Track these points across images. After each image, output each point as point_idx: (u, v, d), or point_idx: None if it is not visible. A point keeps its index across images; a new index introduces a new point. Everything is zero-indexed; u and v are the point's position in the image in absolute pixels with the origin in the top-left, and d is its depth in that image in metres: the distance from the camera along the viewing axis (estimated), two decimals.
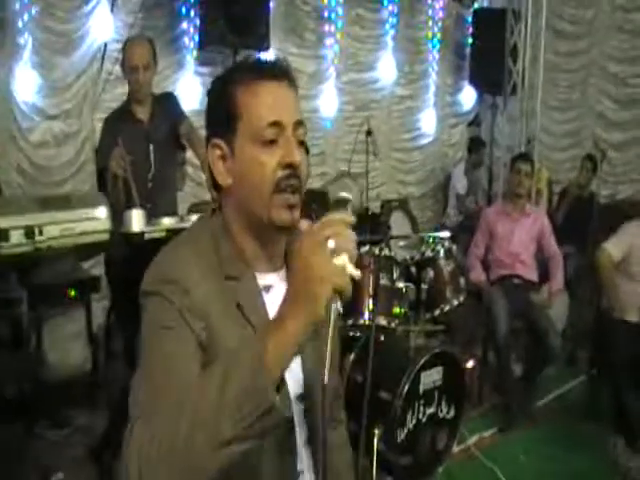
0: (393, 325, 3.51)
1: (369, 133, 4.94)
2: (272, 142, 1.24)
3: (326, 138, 6.21)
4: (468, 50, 7.37)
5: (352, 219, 1.08)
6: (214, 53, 5.21)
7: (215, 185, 1.33)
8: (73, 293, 3.41)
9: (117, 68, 4.26)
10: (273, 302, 1.24)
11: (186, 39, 5.22)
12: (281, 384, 1.06)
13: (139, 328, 3.14)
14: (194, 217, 3.09)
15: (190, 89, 5.21)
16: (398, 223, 5.56)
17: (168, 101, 3.60)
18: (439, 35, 7.22)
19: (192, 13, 5.17)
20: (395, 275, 3.73)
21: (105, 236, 2.64)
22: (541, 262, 4.65)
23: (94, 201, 2.67)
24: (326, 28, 6.15)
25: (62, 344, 3.83)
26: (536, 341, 4.22)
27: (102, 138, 3.47)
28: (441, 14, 7.18)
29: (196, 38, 5.18)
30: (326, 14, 6.10)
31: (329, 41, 6.19)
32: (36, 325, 3.55)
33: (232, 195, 1.30)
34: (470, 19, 7.31)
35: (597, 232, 4.82)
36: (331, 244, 1.03)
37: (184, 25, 5.19)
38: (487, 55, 6.93)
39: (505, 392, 4.28)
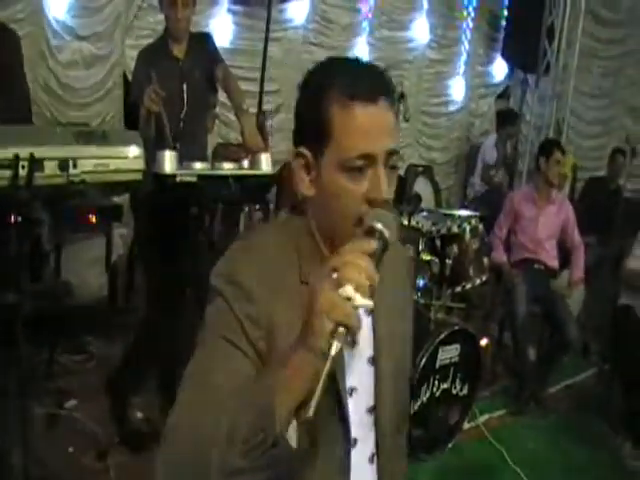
0: (415, 297, 3.45)
1: (402, 96, 4.78)
2: (360, 170, 1.14)
3: None
4: (503, 22, 7.19)
5: (373, 247, 1.04)
6: None
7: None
8: (95, 219, 3.32)
9: None
10: None
11: None
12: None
13: (162, 266, 3.07)
14: (227, 165, 3.01)
15: (223, 26, 5.08)
16: (421, 189, 5.47)
17: (205, 41, 3.46)
18: (474, 4, 7.07)
19: None
20: (421, 247, 3.67)
21: (138, 175, 2.54)
22: (561, 249, 4.58)
23: (129, 139, 2.56)
24: None
25: (80, 269, 3.82)
26: (554, 329, 4.18)
27: (136, 72, 3.32)
28: None
29: None
30: None
31: None
32: (56, 248, 3.55)
33: (314, 206, 1.22)
34: None
35: (621, 225, 4.74)
36: (334, 276, 0.99)
37: None
38: (522, 30, 6.77)
39: (518, 375, 4.25)
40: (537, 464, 3.49)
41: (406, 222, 3.62)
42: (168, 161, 2.75)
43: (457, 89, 7.08)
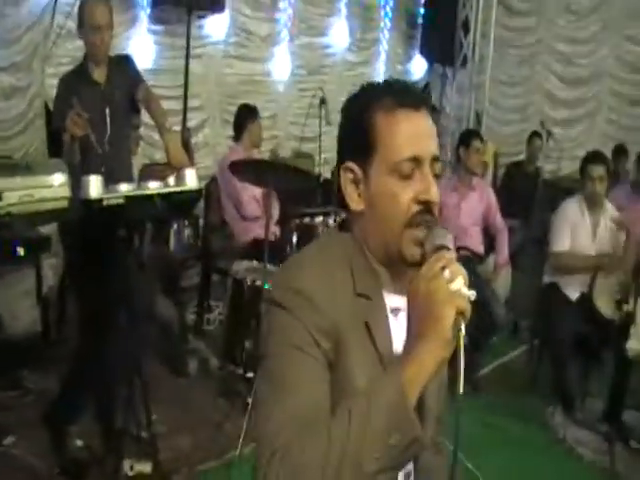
0: None
1: (323, 102, 4.93)
2: (409, 175, 1.21)
3: (278, 102, 6.19)
4: (420, 20, 7.43)
5: (454, 255, 1.14)
6: (168, 12, 5.13)
7: (342, 202, 1.29)
8: (23, 251, 3.34)
9: (69, 23, 4.13)
10: (399, 326, 1.24)
11: None
12: None
13: (94, 293, 3.09)
14: (152, 184, 3.08)
15: (143, 47, 5.12)
16: None
17: (125, 63, 3.50)
18: (391, 3, 7.27)
19: None
20: None
21: (64, 203, 2.62)
22: (486, 234, 4.79)
23: (53, 167, 2.64)
24: None
25: (11, 303, 3.77)
26: (482, 312, 4.38)
27: (57, 99, 3.35)
28: None
29: None
30: None
31: (283, 4, 6.16)
32: None
33: (364, 219, 1.26)
34: None
35: (541, 207, 4.99)
36: (447, 272, 1.09)
37: None
38: (438, 26, 7.03)
39: (451, 361, 4.43)
40: (473, 444, 3.65)
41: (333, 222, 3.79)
42: (94, 185, 2.77)
43: None
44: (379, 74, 7.22)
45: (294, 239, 3.83)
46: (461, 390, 1.08)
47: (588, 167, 4.41)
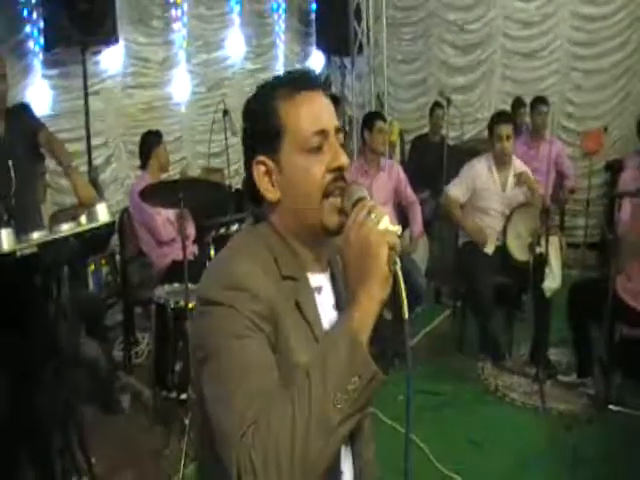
0: None
1: (226, 113, 5.06)
2: (318, 149, 1.31)
3: (181, 123, 6.23)
4: (313, 16, 7.60)
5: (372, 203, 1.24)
6: (61, 54, 5.10)
7: (254, 198, 1.38)
8: None
9: None
10: (323, 303, 1.36)
11: (31, 43, 5.05)
12: None
13: (16, 344, 3.08)
14: (65, 226, 3.15)
15: (39, 94, 5.10)
16: None
17: (23, 112, 3.47)
18: (284, 5, 7.39)
19: (35, 15, 4.97)
20: None
21: None
22: (399, 209, 5.01)
23: None
24: (172, 13, 6.14)
25: None
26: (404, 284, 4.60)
27: None
28: None
29: (41, 41, 5.01)
30: None
31: (177, 25, 6.19)
32: None
33: (281, 206, 1.34)
34: None
35: (448, 174, 5.23)
36: (373, 216, 1.20)
37: (27, 29, 5.01)
38: (332, 19, 7.20)
39: (377, 337, 4.62)
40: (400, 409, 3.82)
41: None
42: (5, 239, 2.73)
43: None
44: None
45: (212, 253, 3.87)
46: (406, 315, 1.18)
47: (495, 127, 4.68)
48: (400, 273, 1.17)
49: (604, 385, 4.09)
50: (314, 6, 7.62)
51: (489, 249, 4.65)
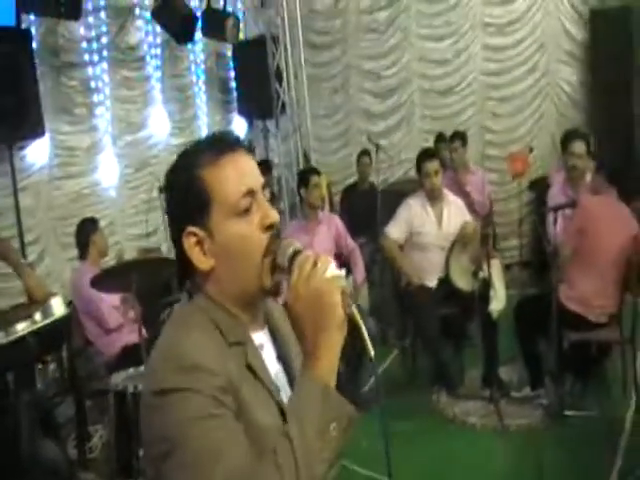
0: None
1: (162, 190, 5.07)
2: (247, 211, 1.31)
3: (112, 207, 6.16)
4: (233, 83, 7.72)
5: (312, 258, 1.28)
6: None
7: (184, 273, 1.36)
8: None
9: None
10: (267, 358, 1.38)
11: None
12: None
13: None
14: (20, 325, 3.11)
15: None
16: None
17: None
18: (203, 77, 7.47)
19: None
20: None
21: None
22: (339, 258, 5.07)
23: None
24: (95, 98, 6.14)
25: None
26: (350, 333, 4.64)
27: None
28: (202, 56, 7.45)
29: None
30: (93, 84, 6.08)
31: (100, 110, 6.18)
32: None
33: (215, 274, 1.32)
34: (231, 54, 7.65)
35: (382, 218, 5.35)
36: (319, 265, 1.25)
37: None
38: (251, 83, 7.28)
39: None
40: (370, 455, 3.82)
41: None
42: None
43: None
44: None
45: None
46: (372, 354, 1.26)
47: (422, 165, 4.84)
48: (357, 313, 1.24)
49: (556, 394, 4.25)
50: (232, 73, 7.73)
51: (431, 283, 4.76)
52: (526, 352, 4.46)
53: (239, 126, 7.90)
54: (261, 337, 1.40)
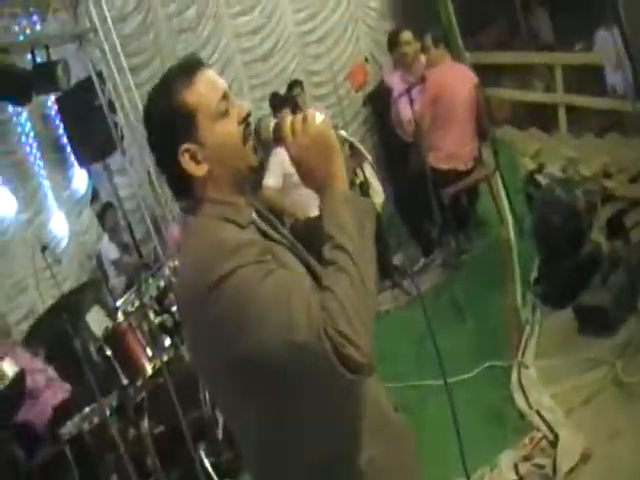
0: None
1: (45, 248, 4.78)
2: (226, 112, 1.52)
3: None
4: (65, 139, 7.20)
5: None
6: None
7: (185, 189, 1.54)
8: None
9: None
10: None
11: None
12: None
13: None
14: None
15: None
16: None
17: None
18: (35, 144, 7.08)
19: None
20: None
21: None
22: None
23: None
24: None
25: None
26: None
27: None
28: (29, 125, 7.01)
29: None
30: None
31: None
32: None
33: (212, 174, 1.51)
34: (56, 109, 7.17)
35: None
36: (309, 115, 1.51)
37: None
38: (85, 127, 6.86)
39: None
40: None
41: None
42: None
43: (59, 229, 6.98)
44: (51, 213, 7.01)
45: None
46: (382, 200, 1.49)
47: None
48: (346, 135, 1.61)
49: (449, 249, 4.93)
50: (60, 123, 7.23)
51: (313, 213, 4.83)
52: (414, 231, 4.97)
53: (80, 180, 7.44)
54: (253, 215, 1.61)
